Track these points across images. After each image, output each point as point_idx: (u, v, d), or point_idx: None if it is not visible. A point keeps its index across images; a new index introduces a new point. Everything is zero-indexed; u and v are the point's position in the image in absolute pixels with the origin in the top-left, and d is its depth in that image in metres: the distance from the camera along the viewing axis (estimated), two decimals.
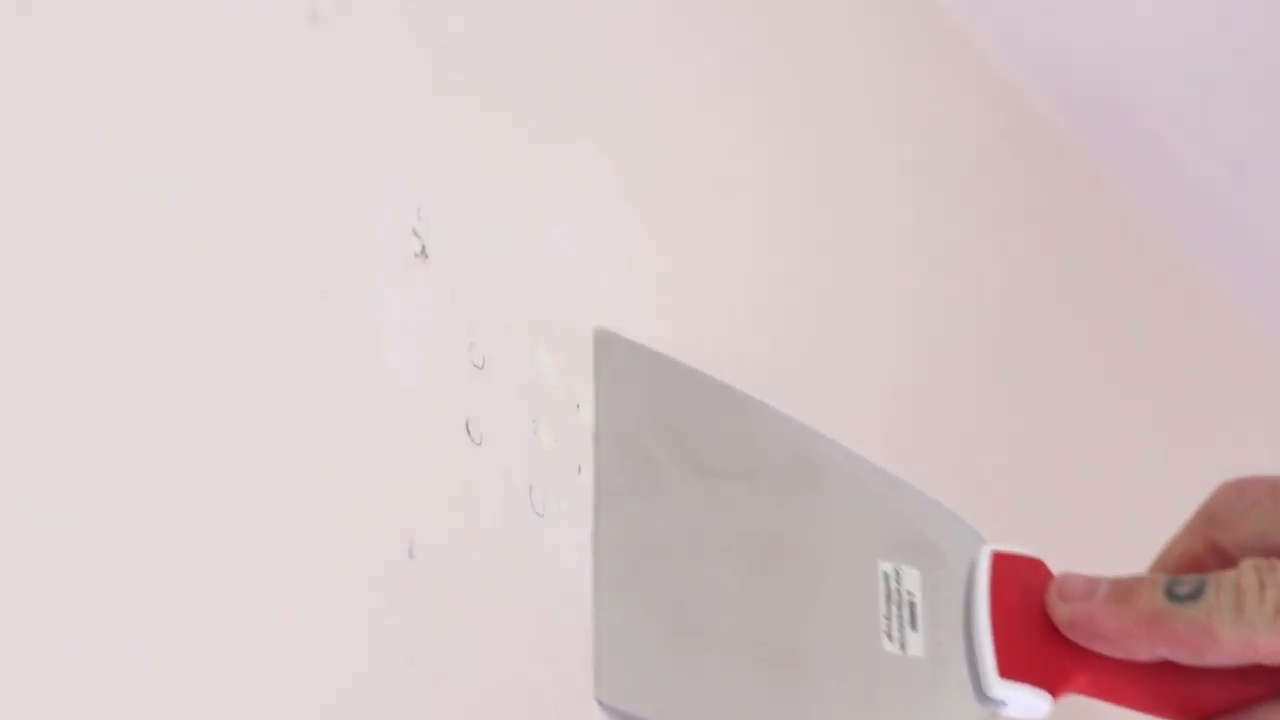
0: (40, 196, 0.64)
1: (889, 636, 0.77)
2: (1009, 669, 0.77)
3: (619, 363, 0.81)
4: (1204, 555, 0.80)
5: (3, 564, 0.60)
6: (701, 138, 1.01)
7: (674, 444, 0.78)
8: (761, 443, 0.81)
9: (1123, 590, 0.76)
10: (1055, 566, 0.82)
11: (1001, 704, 0.77)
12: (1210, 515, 0.81)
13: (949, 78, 1.30)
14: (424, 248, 0.79)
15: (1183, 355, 1.51)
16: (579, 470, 0.84)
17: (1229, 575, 0.74)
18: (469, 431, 0.79)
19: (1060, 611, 0.77)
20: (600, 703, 0.76)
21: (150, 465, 0.65)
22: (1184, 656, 0.74)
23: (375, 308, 0.76)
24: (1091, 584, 0.77)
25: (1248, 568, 0.74)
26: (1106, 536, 1.32)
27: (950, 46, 1.31)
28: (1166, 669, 0.76)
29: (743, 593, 0.77)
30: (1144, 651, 0.75)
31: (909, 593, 0.77)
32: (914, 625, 0.77)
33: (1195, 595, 0.74)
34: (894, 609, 0.77)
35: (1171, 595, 0.74)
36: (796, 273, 1.07)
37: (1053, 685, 0.77)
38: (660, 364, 0.83)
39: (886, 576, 0.77)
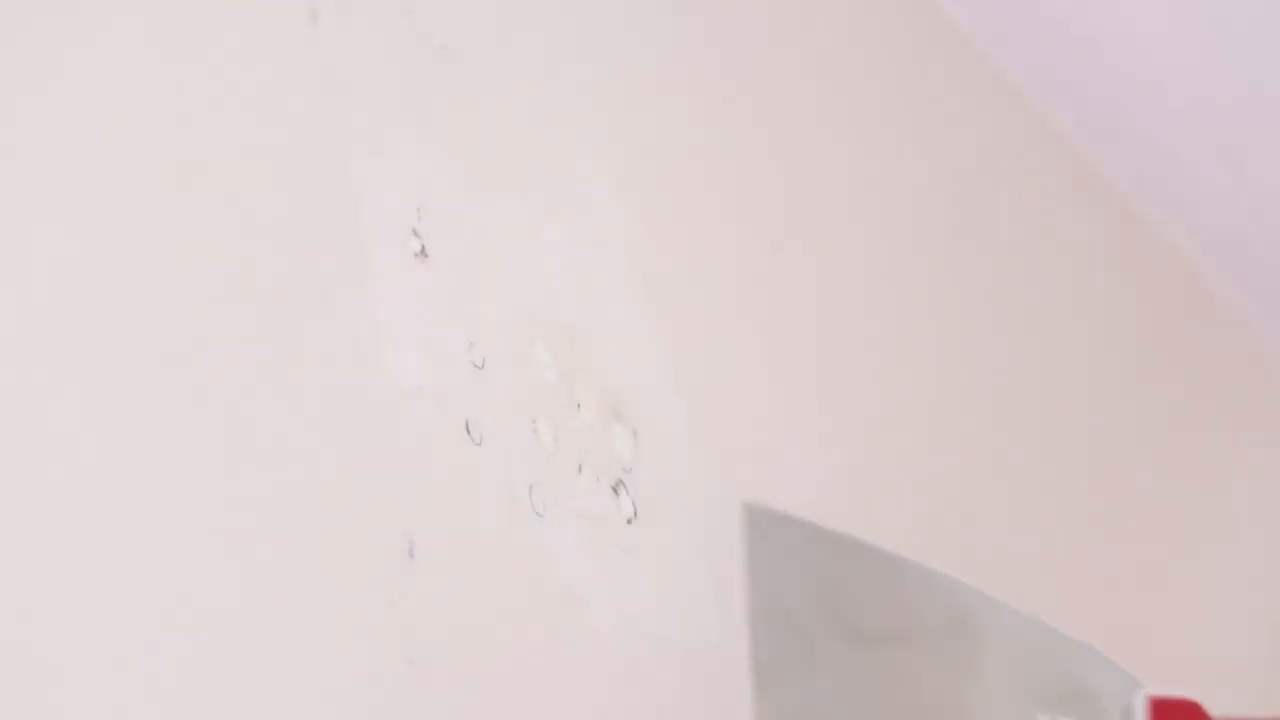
0: (40, 197, 0.64)
1: None
2: None
3: (769, 538, 0.83)
4: None
5: (4, 563, 0.60)
6: (702, 138, 1.01)
7: (828, 615, 0.80)
8: (915, 603, 0.82)
9: None
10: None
11: None
12: None
13: (948, 79, 1.30)
14: (424, 247, 0.79)
15: (1182, 355, 1.51)
16: (579, 470, 0.84)
17: None
18: (469, 431, 0.79)
19: None
20: None
21: (150, 464, 0.65)
22: None
23: (375, 308, 0.76)
24: None
25: None
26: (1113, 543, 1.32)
27: (950, 47, 1.31)
28: None
29: None
30: None
31: None
32: None
33: None
34: None
35: None
36: (797, 275, 1.07)
37: None
38: (810, 534, 0.85)
39: None
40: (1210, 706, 0.80)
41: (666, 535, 0.88)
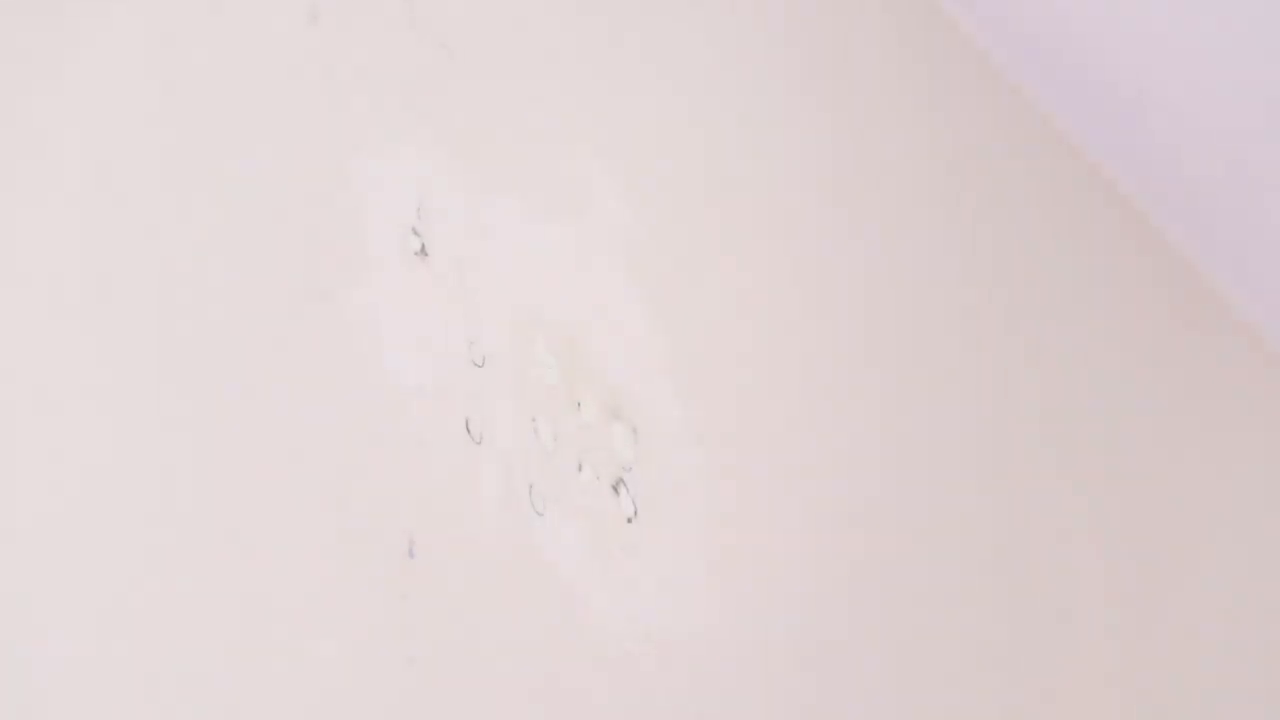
0: (40, 196, 0.64)
1: None
2: None
3: None
4: None
5: (9, 562, 0.60)
6: (702, 139, 1.01)
7: None
8: None
9: None
10: None
11: None
12: None
13: (948, 79, 1.30)
14: (424, 246, 0.79)
15: (1182, 355, 1.51)
16: (579, 469, 0.84)
17: None
18: (469, 430, 0.79)
19: None
20: None
21: (150, 465, 0.65)
22: None
23: (375, 307, 0.76)
24: None
25: None
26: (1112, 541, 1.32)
27: (950, 47, 1.31)
28: None
29: None
30: None
31: None
32: None
33: None
34: None
35: None
36: (796, 274, 1.07)
37: None
38: None
39: None
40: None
41: (666, 535, 0.88)
